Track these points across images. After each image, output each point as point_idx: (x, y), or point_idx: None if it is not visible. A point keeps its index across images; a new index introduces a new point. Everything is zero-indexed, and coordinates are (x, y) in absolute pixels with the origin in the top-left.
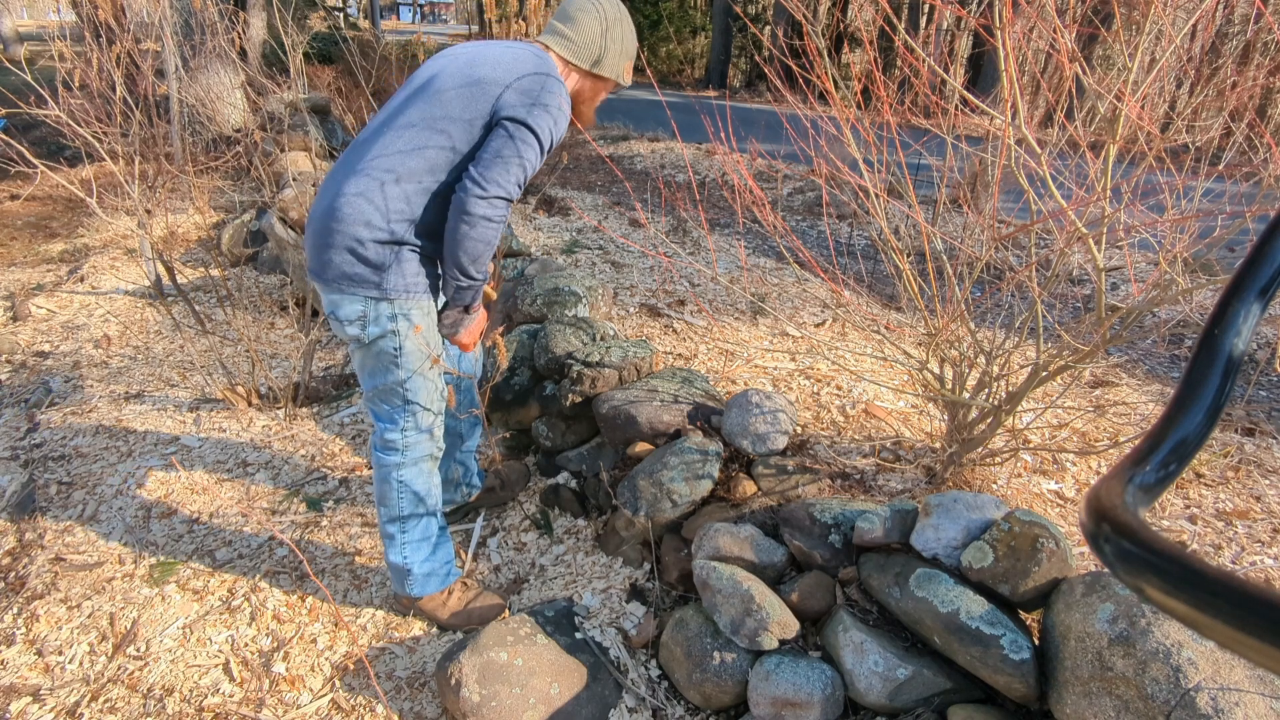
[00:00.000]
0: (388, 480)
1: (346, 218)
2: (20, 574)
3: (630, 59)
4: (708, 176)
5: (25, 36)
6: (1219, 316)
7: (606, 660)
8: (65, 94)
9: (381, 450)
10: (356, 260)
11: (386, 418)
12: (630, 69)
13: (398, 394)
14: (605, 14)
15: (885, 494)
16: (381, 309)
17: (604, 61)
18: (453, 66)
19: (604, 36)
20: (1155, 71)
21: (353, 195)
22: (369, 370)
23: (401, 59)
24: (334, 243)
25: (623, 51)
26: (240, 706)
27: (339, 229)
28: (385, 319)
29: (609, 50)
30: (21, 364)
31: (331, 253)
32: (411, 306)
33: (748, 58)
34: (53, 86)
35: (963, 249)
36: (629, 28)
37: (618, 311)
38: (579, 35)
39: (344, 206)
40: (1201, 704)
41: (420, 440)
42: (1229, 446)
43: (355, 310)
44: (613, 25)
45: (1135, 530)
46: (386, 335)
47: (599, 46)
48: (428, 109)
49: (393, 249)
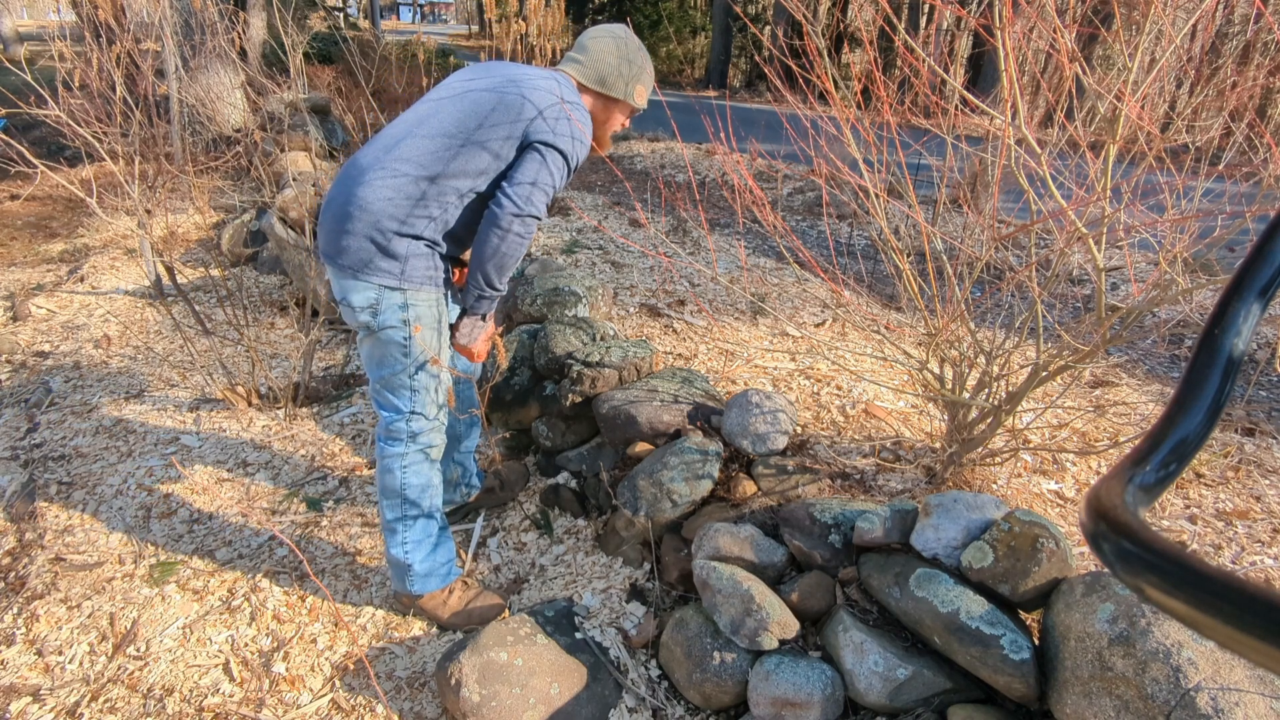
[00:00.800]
0: (391, 471)
1: (373, 208)
2: (20, 574)
3: (639, 82)
4: (708, 176)
5: (25, 36)
6: (1219, 316)
7: (606, 660)
8: (65, 94)
9: (387, 440)
10: (376, 249)
11: (392, 408)
12: (642, 93)
13: (404, 383)
14: (611, 36)
15: (885, 494)
16: (394, 298)
17: (609, 82)
18: (490, 83)
19: (610, 55)
20: (1155, 71)
21: (380, 187)
22: (377, 359)
23: (401, 59)
24: (355, 229)
25: (629, 73)
26: (240, 706)
27: (363, 217)
28: (396, 307)
29: (615, 70)
30: (21, 364)
31: (350, 239)
32: (422, 298)
33: (748, 58)
34: (53, 86)
35: (963, 249)
36: (634, 50)
37: (618, 311)
38: (587, 57)
39: (370, 196)
40: (1201, 704)
41: (425, 431)
42: (1229, 446)
43: (368, 297)
44: (617, 47)
45: (1135, 530)
46: (396, 324)
47: (605, 65)
48: (465, 120)
49: (413, 243)
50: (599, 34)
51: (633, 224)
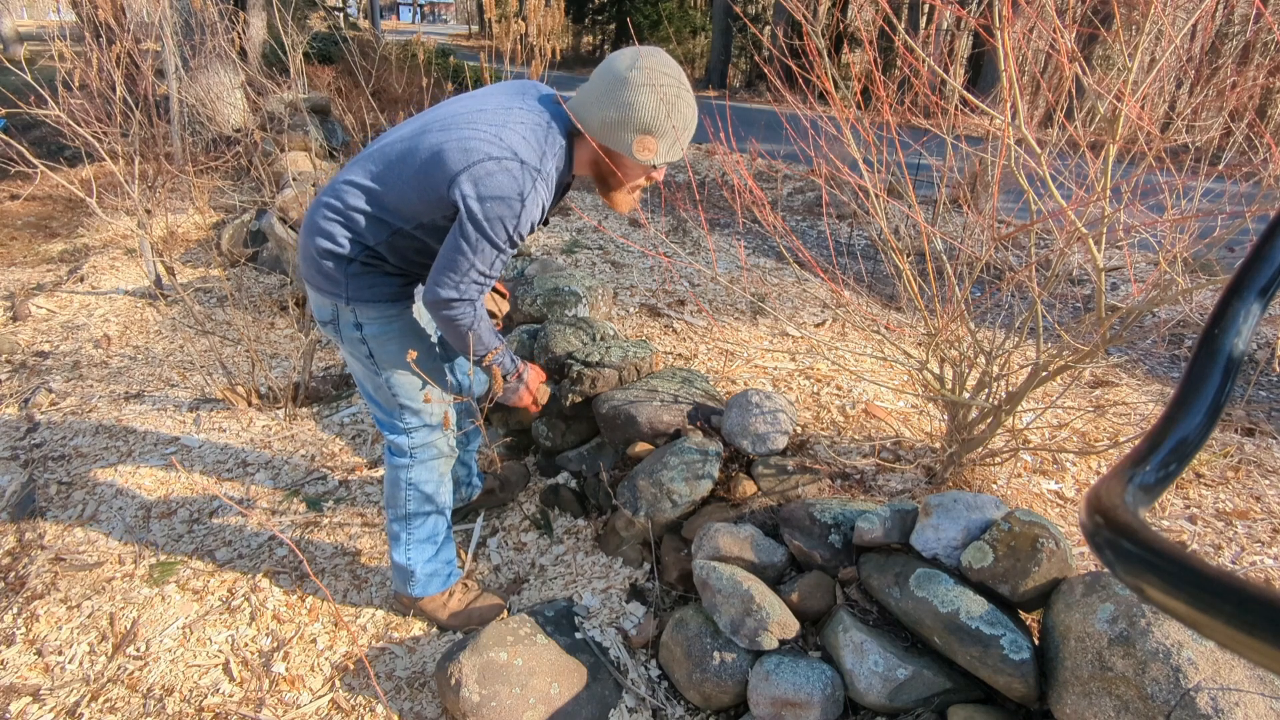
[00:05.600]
0: (396, 483)
1: (310, 226)
2: (20, 574)
3: (646, 132)
4: (708, 176)
5: (25, 36)
6: (1219, 316)
7: (606, 660)
8: (65, 94)
9: (392, 453)
10: (316, 268)
11: (388, 424)
12: (653, 146)
13: (386, 398)
14: (619, 70)
15: (885, 494)
16: (346, 314)
17: (600, 130)
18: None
19: (599, 92)
20: (1155, 71)
21: (317, 205)
22: (356, 375)
23: (401, 59)
24: (302, 245)
25: (630, 121)
26: (240, 706)
27: (305, 237)
28: (350, 324)
29: (605, 118)
30: (21, 364)
31: (302, 254)
32: (374, 315)
33: (748, 58)
34: (53, 86)
35: (963, 249)
36: (649, 95)
37: (618, 311)
38: (581, 91)
39: (312, 214)
40: (1201, 704)
41: (428, 440)
42: (1229, 446)
43: (326, 311)
44: (624, 86)
45: (1135, 530)
46: (353, 340)
47: (597, 109)
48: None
49: (345, 263)
50: (605, 68)
51: (633, 224)
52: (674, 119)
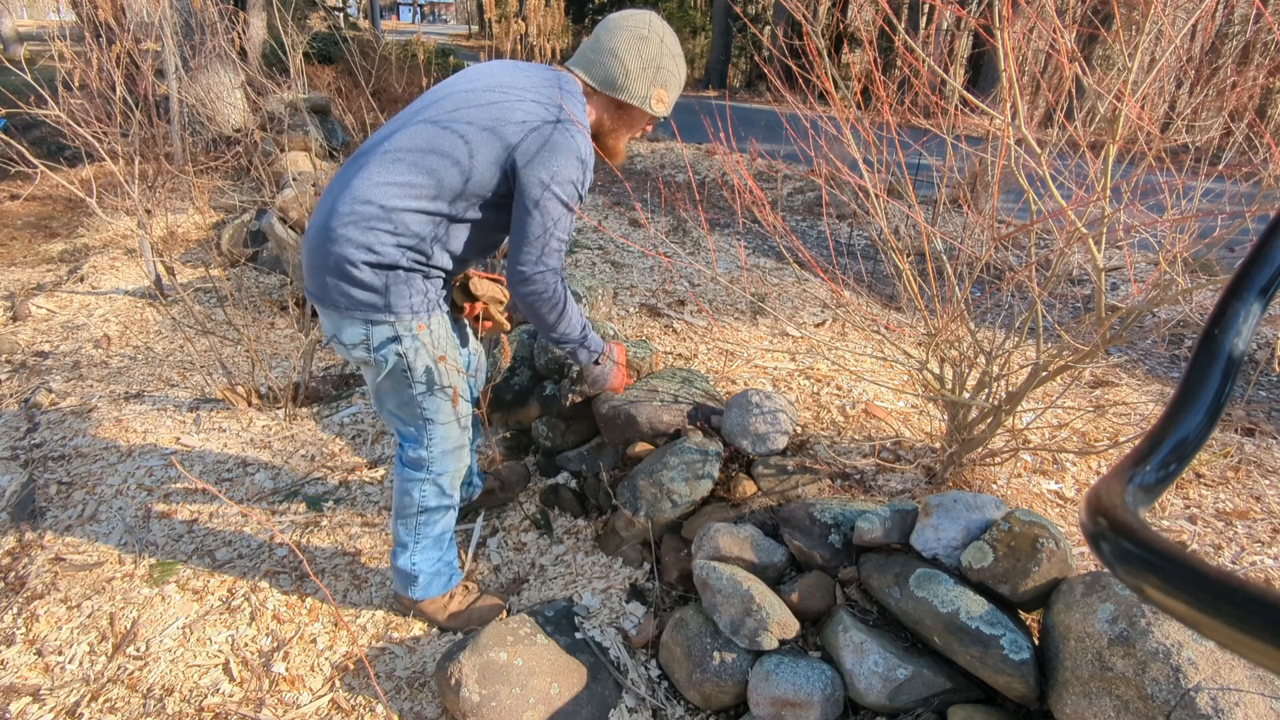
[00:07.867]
0: (409, 494)
1: (339, 238)
2: (20, 574)
3: (660, 85)
4: (708, 176)
5: (25, 36)
6: (1219, 316)
7: (606, 660)
8: (65, 94)
9: (408, 466)
10: (349, 283)
11: (411, 437)
12: (663, 98)
13: (416, 413)
14: (630, 31)
15: (885, 494)
16: (381, 331)
17: (620, 85)
18: (464, 96)
19: (623, 55)
20: (1155, 71)
21: (345, 215)
22: (385, 391)
23: (401, 59)
24: (327, 264)
25: (647, 75)
26: (240, 706)
27: (331, 250)
28: (388, 340)
29: (627, 72)
30: (21, 364)
31: (326, 275)
32: (412, 325)
33: (748, 58)
34: (53, 86)
35: (963, 249)
36: (655, 49)
37: (618, 311)
38: (597, 53)
39: (337, 227)
40: (1201, 704)
41: (446, 459)
42: (1229, 446)
43: (357, 334)
44: (634, 45)
45: (1135, 530)
46: (392, 357)
47: (615, 66)
48: (433, 137)
49: (387, 272)
50: (616, 26)
51: (633, 224)
52: (680, 75)
